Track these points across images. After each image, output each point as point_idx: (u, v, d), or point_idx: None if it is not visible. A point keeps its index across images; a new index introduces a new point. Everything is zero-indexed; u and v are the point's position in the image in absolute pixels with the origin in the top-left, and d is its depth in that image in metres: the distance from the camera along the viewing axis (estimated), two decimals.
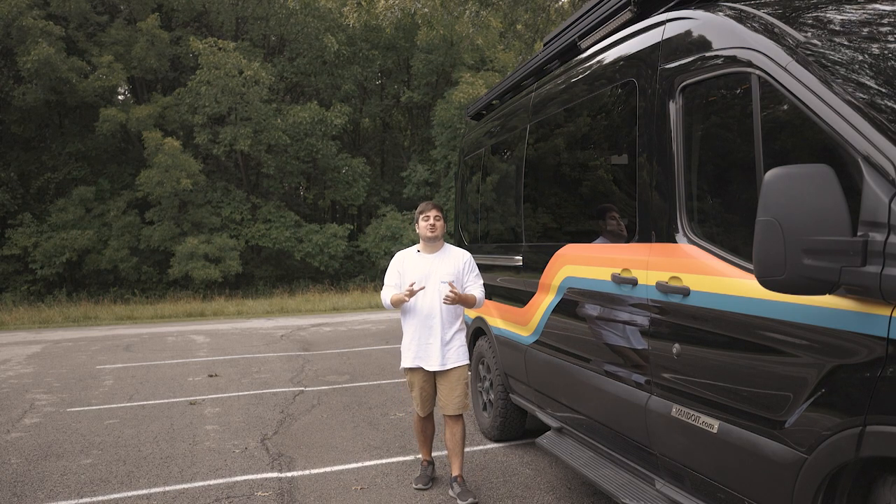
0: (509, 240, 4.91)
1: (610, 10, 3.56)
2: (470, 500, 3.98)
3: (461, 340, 4.20)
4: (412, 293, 4.01)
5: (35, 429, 6.11)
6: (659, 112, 2.90)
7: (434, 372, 4.18)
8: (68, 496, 4.39)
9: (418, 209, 4.25)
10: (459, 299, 4.01)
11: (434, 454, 4.71)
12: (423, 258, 4.20)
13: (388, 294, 4.21)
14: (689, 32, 2.77)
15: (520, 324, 4.50)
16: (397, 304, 4.13)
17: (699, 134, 2.76)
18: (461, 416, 4.17)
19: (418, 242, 4.30)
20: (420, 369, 4.20)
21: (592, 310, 3.51)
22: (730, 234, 2.58)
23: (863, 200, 1.89)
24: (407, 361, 4.22)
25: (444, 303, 4.00)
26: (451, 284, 3.98)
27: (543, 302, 4.08)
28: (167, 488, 4.47)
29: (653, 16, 3.12)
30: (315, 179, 26.70)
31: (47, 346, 11.97)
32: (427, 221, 4.17)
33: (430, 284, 4.10)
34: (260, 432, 5.79)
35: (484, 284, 4.29)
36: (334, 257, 23.97)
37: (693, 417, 2.60)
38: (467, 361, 4.22)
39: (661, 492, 2.88)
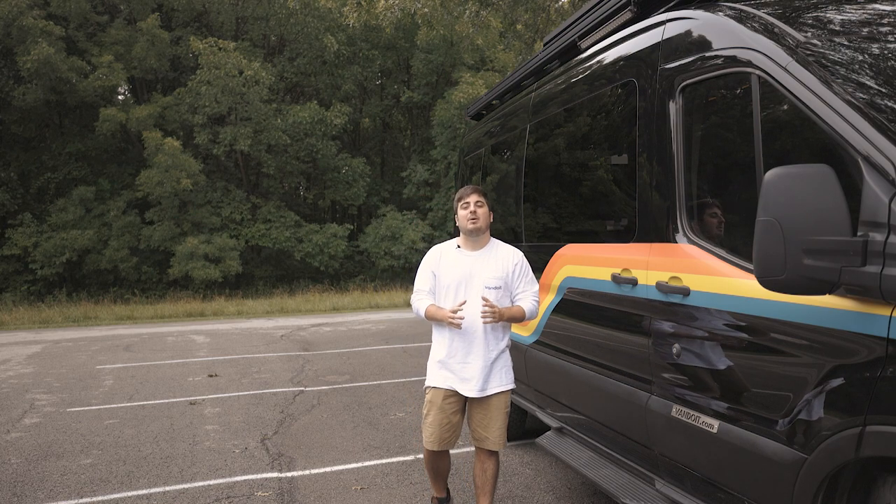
0: (509, 240, 4.89)
1: (610, 10, 3.56)
2: None
3: (507, 360, 3.44)
4: (456, 321, 3.22)
5: (35, 429, 6.11)
6: (659, 112, 2.90)
7: (466, 398, 3.40)
8: (68, 496, 4.39)
9: (457, 195, 3.46)
10: (501, 317, 3.25)
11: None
12: (463, 256, 3.40)
13: (422, 302, 3.40)
14: (689, 32, 2.77)
15: (520, 323, 4.49)
16: (436, 319, 3.34)
17: (699, 134, 2.76)
18: (498, 451, 3.47)
19: (457, 237, 3.54)
20: (449, 390, 3.36)
21: (592, 310, 3.50)
22: (730, 234, 2.58)
23: (863, 200, 1.89)
24: (436, 380, 3.38)
25: (484, 321, 3.23)
26: (485, 300, 3.22)
27: (543, 302, 4.08)
28: (167, 488, 4.47)
29: (653, 16, 3.12)
30: (315, 179, 26.70)
31: (47, 346, 11.96)
32: (467, 209, 3.34)
33: (471, 290, 3.31)
34: (260, 432, 5.79)
35: None
36: (334, 257, 23.97)
37: (693, 417, 2.60)
38: (513, 385, 3.46)
39: (661, 492, 2.88)
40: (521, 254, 3.48)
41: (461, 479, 4.45)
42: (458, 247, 3.45)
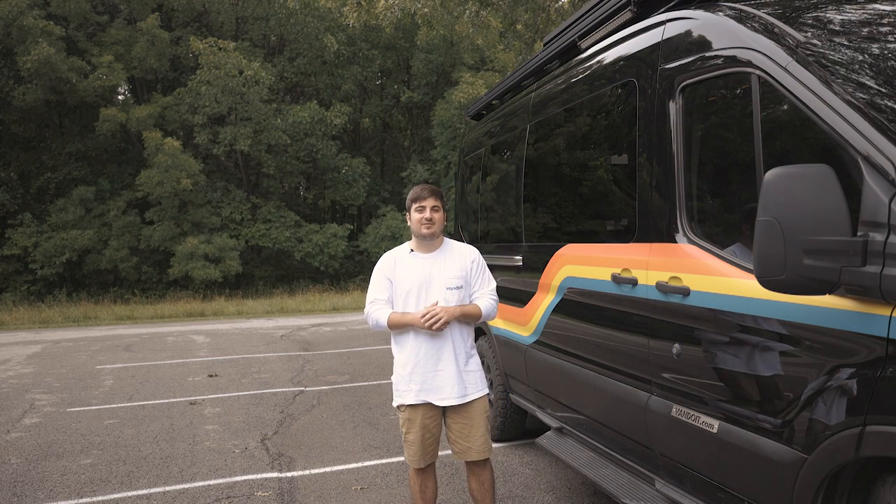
0: (509, 240, 4.91)
1: (610, 10, 3.56)
2: None
3: (478, 363, 3.32)
4: (431, 320, 3.06)
5: (35, 429, 6.11)
6: (659, 112, 2.90)
7: (444, 408, 3.24)
8: (68, 496, 4.39)
9: (410, 195, 3.28)
10: (451, 317, 3.11)
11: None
12: (419, 259, 3.25)
13: (381, 312, 3.22)
14: (688, 32, 2.77)
15: (520, 324, 4.49)
16: (401, 325, 3.18)
17: (699, 134, 2.76)
18: (488, 458, 3.33)
19: (409, 241, 3.36)
20: (425, 405, 3.21)
21: (592, 310, 3.50)
22: (730, 234, 2.58)
23: (863, 200, 1.89)
24: (408, 397, 3.21)
25: (426, 325, 3.07)
26: (431, 307, 3.10)
27: (543, 302, 4.08)
28: (167, 488, 4.47)
29: (653, 16, 3.12)
30: (315, 179, 26.71)
31: (47, 346, 11.96)
32: (422, 213, 3.21)
33: (432, 293, 3.19)
34: (260, 432, 5.79)
35: None
36: (334, 257, 23.98)
37: (693, 417, 2.60)
38: (487, 390, 3.35)
39: (661, 492, 2.88)
40: (476, 251, 3.37)
41: (461, 479, 4.45)
42: (412, 251, 3.29)
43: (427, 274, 3.21)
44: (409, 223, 3.29)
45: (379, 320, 3.22)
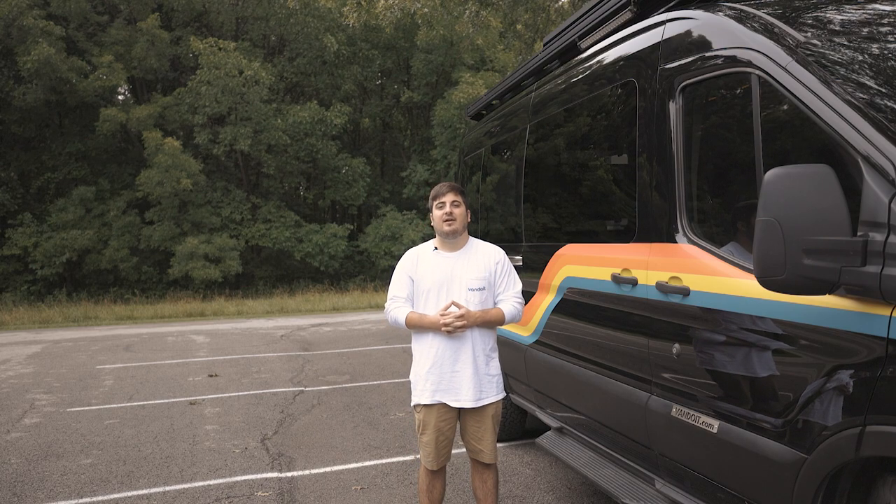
0: (509, 240, 4.90)
1: (610, 10, 3.56)
2: None
3: (497, 367, 3.26)
4: (450, 324, 3.03)
5: (35, 429, 6.11)
6: (659, 112, 2.90)
7: (459, 409, 3.21)
8: (68, 496, 4.39)
9: (432, 193, 3.26)
10: (473, 321, 3.07)
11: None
12: (441, 258, 3.21)
13: (400, 310, 3.20)
14: (688, 32, 2.77)
15: (520, 323, 4.49)
16: (420, 327, 3.16)
17: (699, 134, 2.76)
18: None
19: (434, 238, 3.34)
20: (441, 406, 3.17)
21: (592, 310, 3.51)
22: (730, 233, 2.58)
23: (863, 200, 1.89)
24: (423, 396, 3.17)
25: (446, 330, 3.05)
26: (455, 304, 3.06)
27: (543, 302, 4.08)
28: (167, 488, 4.48)
29: (653, 16, 3.13)
30: (315, 179, 26.70)
31: (47, 346, 11.96)
32: (442, 210, 3.18)
33: (453, 293, 3.13)
34: (260, 432, 5.79)
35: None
36: (334, 257, 23.97)
37: (693, 417, 2.61)
38: (504, 394, 3.30)
39: (661, 492, 2.88)
40: (502, 252, 3.30)
41: (461, 479, 4.45)
42: (436, 248, 3.25)
43: (449, 273, 3.16)
44: (432, 223, 3.26)
45: (398, 319, 3.20)
